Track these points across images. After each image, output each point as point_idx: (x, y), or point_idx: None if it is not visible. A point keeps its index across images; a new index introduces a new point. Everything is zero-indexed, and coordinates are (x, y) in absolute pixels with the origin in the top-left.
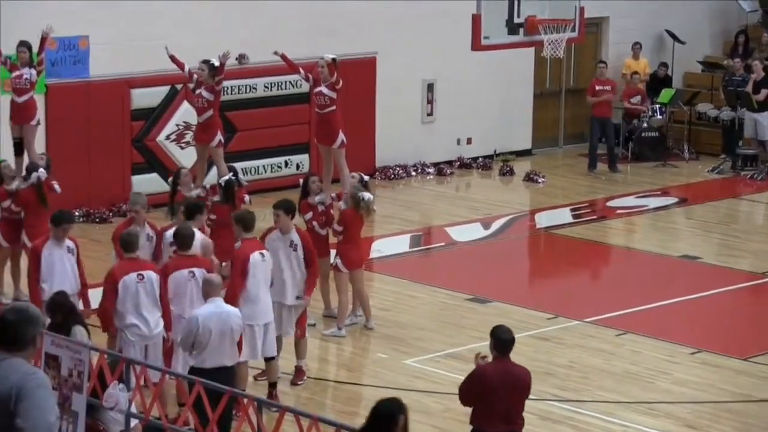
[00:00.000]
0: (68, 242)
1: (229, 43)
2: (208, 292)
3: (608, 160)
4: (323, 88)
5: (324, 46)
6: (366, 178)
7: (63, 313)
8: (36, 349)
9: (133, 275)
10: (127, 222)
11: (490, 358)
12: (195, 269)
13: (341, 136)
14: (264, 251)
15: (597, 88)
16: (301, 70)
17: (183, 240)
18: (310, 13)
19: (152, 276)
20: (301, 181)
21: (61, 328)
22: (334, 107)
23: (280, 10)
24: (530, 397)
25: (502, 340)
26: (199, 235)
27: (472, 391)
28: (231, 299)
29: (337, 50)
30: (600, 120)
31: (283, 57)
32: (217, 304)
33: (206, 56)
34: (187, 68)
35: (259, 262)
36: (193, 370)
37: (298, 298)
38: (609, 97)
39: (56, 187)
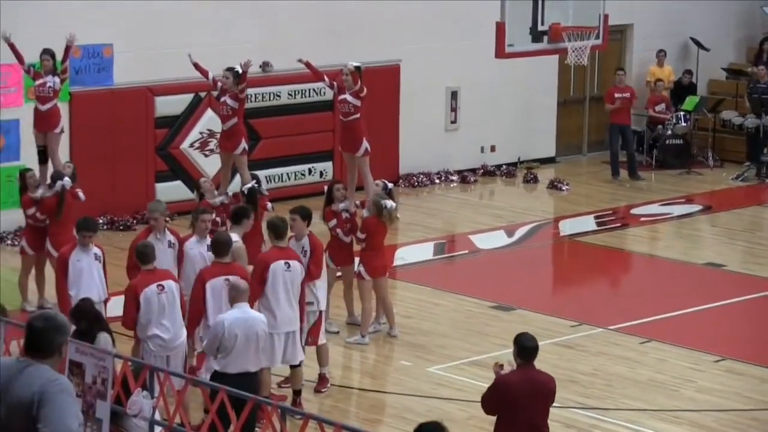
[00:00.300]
0: (95, 249)
1: (252, 50)
2: (234, 297)
3: (628, 168)
4: (347, 96)
5: (347, 53)
6: (390, 185)
7: (88, 320)
8: (62, 358)
9: (153, 287)
10: (147, 230)
11: (507, 368)
12: (231, 277)
13: (365, 144)
14: (291, 261)
15: (616, 95)
16: (326, 78)
17: (220, 247)
18: (333, 20)
19: (172, 285)
20: (326, 188)
21: (85, 335)
22: (358, 115)
23: (302, 18)
24: (554, 404)
25: (525, 347)
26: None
27: (494, 400)
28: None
29: (361, 58)
30: (619, 127)
31: (308, 65)
32: (243, 310)
33: (229, 64)
34: (211, 76)
35: (281, 271)
36: (216, 375)
37: (309, 303)
38: (626, 104)
39: (81, 195)
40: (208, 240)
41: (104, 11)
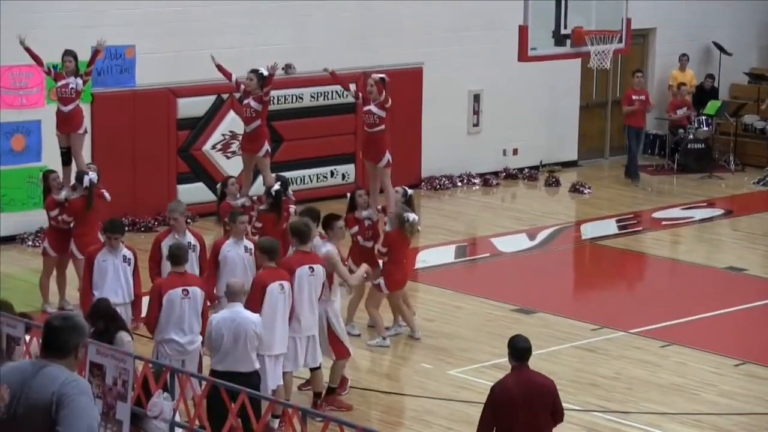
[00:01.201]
0: (125, 251)
1: (275, 53)
2: (229, 297)
3: (628, 168)
4: (372, 107)
5: (370, 56)
6: (410, 192)
7: (105, 320)
8: (78, 360)
9: (179, 290)
10: (167, 231)
11: None
12: (284, 282)
13: (387, 156)
14: (314, 265)
15: (633, 97)
16: (351, 88)
17: (272, 252)
18: (356, 24)
19: (197, 292)
20: (348, 194)
21: (103, 335)
22: (383, 126)
23: (326, 21)
24: (575, 407)
25: (519, 348)
26: (320, 244)
27: (492, 406)
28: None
29: (384, 61)
30: (635, 130)
31: (333, 74)
32: (235, 310)
33: (253, 66)
34: (234, 78)
35: (306, 276)
36: (211, 373)
37: None
38: (642, 107)
39: (106, 195)
40: (245, 242)
41: (126, 12)
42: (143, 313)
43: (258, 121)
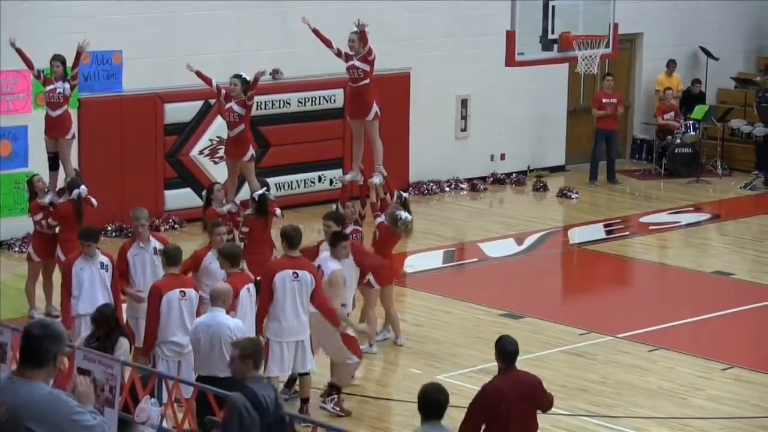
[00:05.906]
0: (102, 258)
1: (263, 58)
2: (212, 301)
3: (607, 172)
4: (356, 62)
5: None
6: (405, 195)
7: (109, 326)
8: (57, 369)
9: (176, 291)
10: (131, 240)
11: None
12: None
13: (375, 108)
14: (300, 270)
15: (603, 101)
16: (334, 45)
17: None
18: (344, 29)
19: (193, 294)
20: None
21: (104, 341)
22: (368, 80)
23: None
24: (563, 412)
25: (507, 352)
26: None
27: (485, 410)
28: (260, 314)
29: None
30: (605, 132)
31: (315, 31)
32: (213, 315)
33: (240, 71)
34: (214, 83)
35: (288, 280)
36: (196, 378)
37: (343, 305)
38: (613, 110)
39: (93, 201)
40: None
41: (114, 17)
42: (125, 320)
43: (242, 125)
